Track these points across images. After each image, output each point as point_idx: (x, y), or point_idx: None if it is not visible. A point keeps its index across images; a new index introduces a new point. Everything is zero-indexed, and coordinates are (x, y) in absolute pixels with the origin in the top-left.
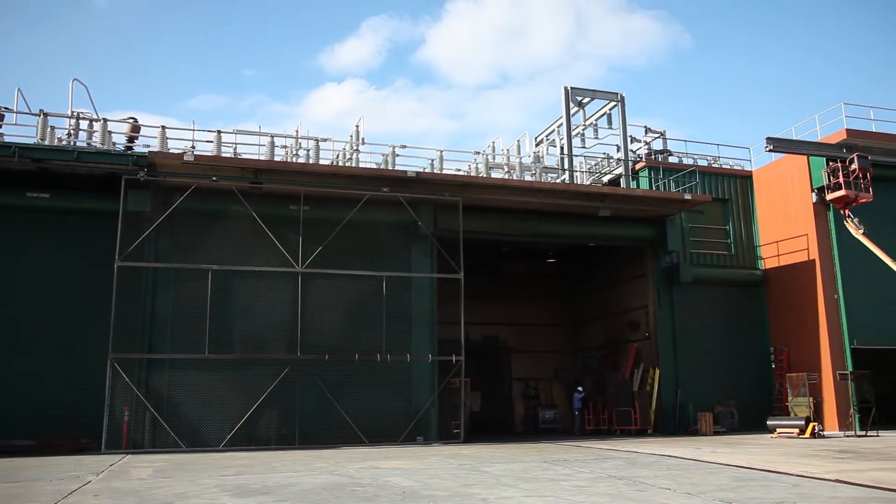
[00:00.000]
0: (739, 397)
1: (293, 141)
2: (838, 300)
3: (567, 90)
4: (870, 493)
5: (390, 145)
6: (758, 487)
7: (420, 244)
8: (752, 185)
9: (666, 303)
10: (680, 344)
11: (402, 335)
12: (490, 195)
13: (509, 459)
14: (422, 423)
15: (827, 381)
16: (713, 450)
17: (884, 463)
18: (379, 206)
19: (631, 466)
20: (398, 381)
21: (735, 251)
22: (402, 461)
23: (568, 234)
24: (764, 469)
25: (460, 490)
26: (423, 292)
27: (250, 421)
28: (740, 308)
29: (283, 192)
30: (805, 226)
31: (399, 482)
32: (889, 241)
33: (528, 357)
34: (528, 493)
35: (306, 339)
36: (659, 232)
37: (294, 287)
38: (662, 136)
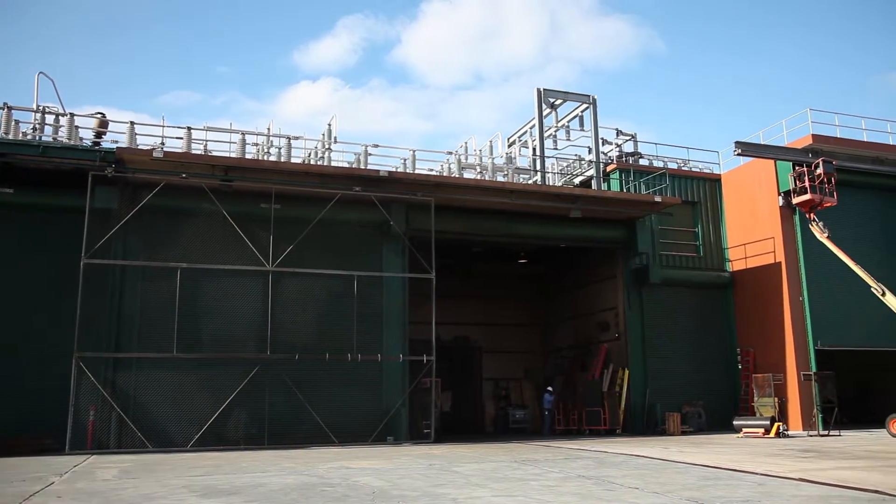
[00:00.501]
0: (707, 397)
1: (265, 139)
2: (803, 302)
3: (539, 92)
4: (831, 491)
5: (363, 144)
6: (724, 486)
7: (392, 244)
8: (720, 188)
9: (635, 304)
10: (649, 345)
11: (373, 335)
12: (462, 195)
13: (479, 459)
14: (392, 423)
15: (791, 382)
16: (681, 449)
17: (845, 462)
18: (351, 206)
19: (600, 466)
20: (369, 380)
21: (704, 253)
22: (372, 461)
23: (539, 235)
24: (730, 468)
25: (430, 490)
26: (395, 292)
27: (219, 421)
28: (708, 309)
29: (253, 189)
30: (772, 229)
31: (369, 482)
32: (852, 245)
33: (499, 357)
34: (497, 493)
35: (276, 338)
36: (629, 233)
37: (264, 286)
38: (633, 139)
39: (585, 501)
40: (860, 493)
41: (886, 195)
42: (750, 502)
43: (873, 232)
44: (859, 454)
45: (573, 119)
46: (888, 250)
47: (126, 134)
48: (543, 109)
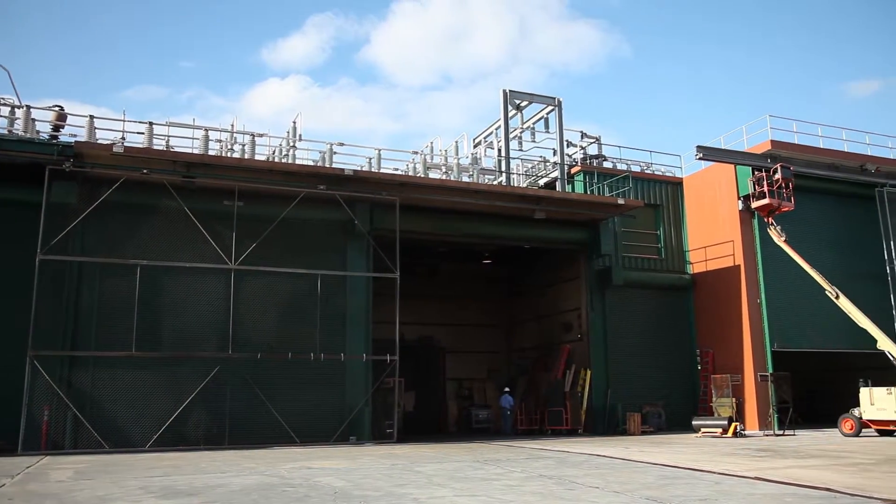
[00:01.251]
0: (667, 398)
1: (228, 135)
2: (761, 304)
3: (505, 93)
4: (785, 489)
5: (328, 143)
6: (683, 485)
7: (356, 243)
8: (682, 191)
9: (598, 305)
10: (611, 345)
11: (336, 334)
12: (427, 195)
13: (442, 459)
14: (355, 422)
15: (749, 383)
16: (641, 449)
17: (799, 461)
18: (315, 204)
19: (561, 466)
20: (332, 380)
21: (665, 255)
22: (334, 461)
23: (504, 236)
24: (689, 468)
25: (392, 490)
26: (359, 291)
27: (178, 421)
28: (669, 311)
29: (216, 186)
30: (731, 232)
31: (331, 482)
32: (808, 249)
33: (463, 357)
34: (459, 493)
35: (238, 337)
36: (592, 235)
37: (226, 284)
38: (598, 142)
39: (547, 501)
40: (812, 492)
41: (841, 201)
42: (707, 501)
43: (828, 236)
44: (813, 453)
45: (538, 121)
46: (842, 254)
47: (85, 128)
48: (509, 111)
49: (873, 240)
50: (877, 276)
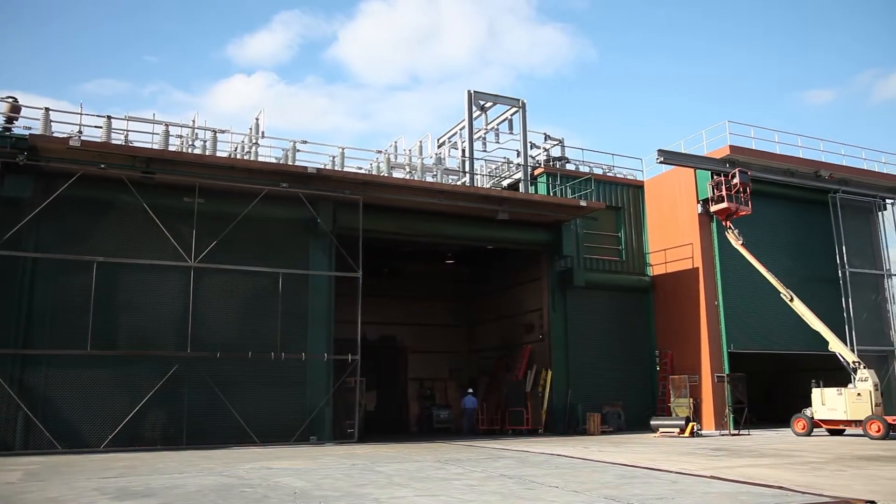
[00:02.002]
0: (626, 398)
1: (189, 131)
2: (718, 306)
3: (470, 94)
4: (740, 488)
5: (291, 140)
6: (640, 484)
7: (319, 242)
8: (643, 194)
9: (559, 306)
10: (571, 346)
11: (297, 333)
12: (391, 195)
13: (403, 459)
14: (316, 422)
15: (706, 383)
16: (600, 449)
17: (753, 460)
18: (278, 202)
19: (522, 465)
20: (292, 379)
21: (626, 257)
22: (294, 461)
23: (467, 236)
24: (646, 467)
25: (352, 490)
26: (321, 290)
27: (135, 420)
28: (629, 312)
29: (176, 183)
30: (690, 235)
31: (290, 483)
32: (764, 252)
33: (425, 357)
34: (420, 493)
35: (197, 335)
36: (555, 237)
37: (186, 282)
38: (561, 144)
39: (507, 500)
40: (766, 490)
41: (796, 205)
42: (664, 499)
43: (783, 240)
44: (766, 452)
45: (503, 122)
46: (796, 258)
47: (41, 121)
48: (473, 112)
49: (826, 244)
50: (829, 280)
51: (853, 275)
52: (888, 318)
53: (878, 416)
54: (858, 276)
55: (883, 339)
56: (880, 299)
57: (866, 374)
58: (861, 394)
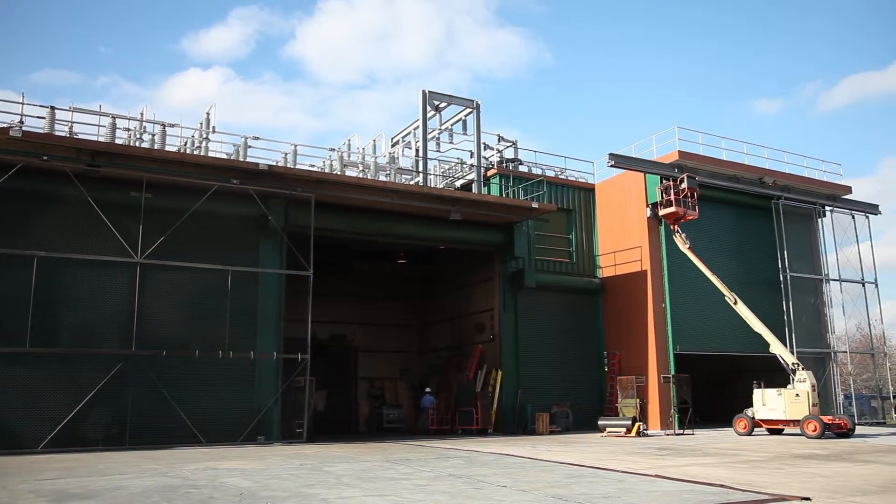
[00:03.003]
0: (575, 398)
1: (137, 124)
2: (665, 309)
3: (425, 94)
4: (683, 486)
5: (243, 136)
6: (587, 483)
7: (269, 239)
8: (594, 197)
9: (510, 307)
10: (522, 346)
11: (246, 332)
12: (343, 193)
13: (352, 459)
14: (264, 422)
15: (652, 384)
16: (548, 448)
17: (697, 459)
18: (228, 198)
19: (471, 465)
20: (240, 378)
21: (576, 259)
22: (241, 461)
23: (419, 236)
24: (593, 466)
25: (300, 490)
26: (271, 288)
27: (76, 420)
28: (579, 313)
29: (123, 177)
30: (639, 238)
31: (237, 483)
32: (710, 256)
33: (375, 357)
34: (368, 493)
35: (143, 333)
36: (506, 238)
37: (132, 278)
38: (514, 146)
39: (455, 500)
40: (708, 488)
41: (741, 210)
42: (610, 498)
43: (728, 244)
44: (709, 451)
45: (457, 123)
46: (740, 262)
47: None
48: (428, 112)
49: (769, 249)
50: (771, 284)
51: (793, 279)
52: (825, 322)
53: (814, 416)
54: (798, 281)
55: (820, 341)
56: (818, 303)
57: (804, 375)
58: (799, 394)
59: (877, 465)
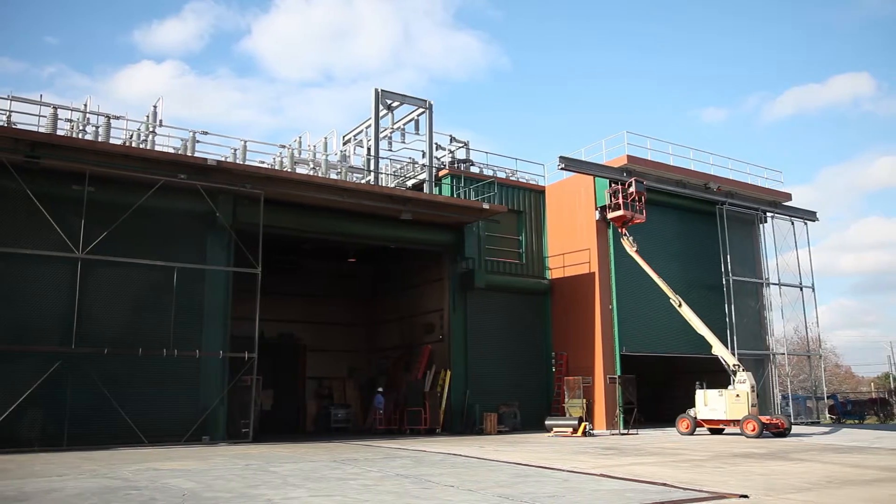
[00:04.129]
0: (523, 398)
1: (81, 115)
2: (612, 310)
3: (377, 92)
4: (627, 485)
5: (191, 130)
6: (533, 483)
7: (217, 236)
8: (544, 199)
9: (460, 307)
10: (471, 347)
11: (192, 330)
12: (294, 191)
13: (298, 459)
14: (209, 422)
15: (598, 385)
16: (496, 448)
17: (640, 458)
18: (175, 194)
19: (418, 465)
20: (185, 377)
21: (526, 260)
22: (184, 462)
23: (370, 235)
24: (540, 466)
25: (245, 491)
26: (218, 286)
27: (10, 420)
28: (527, 314)
29: (64, 169)
30: (588, 241)
31: (180, 484)
32: (656, 259)
33: (324, 356)
34: (315, 493)
35: (84, 331)
36: (457, 238)
37: (72, 274)
38: (466, 147)
39: (402, 500)
40: (650, 486)
41: (687, 215)
42: (556, 497)
43: (674, 248)
44: (652, 451)
45: (409, 122)
46: (685, 266)
47: None
48: (380, 111)
49: (712, 253)
50: (714, 287)
51: (736, 283)
52: (765, 324)
53: (753, 416)
54: (740, 284)
55: (760, 343)
56: (759, 306)
57: (744, 376)
58: (739, 395)
59: (811, 463)
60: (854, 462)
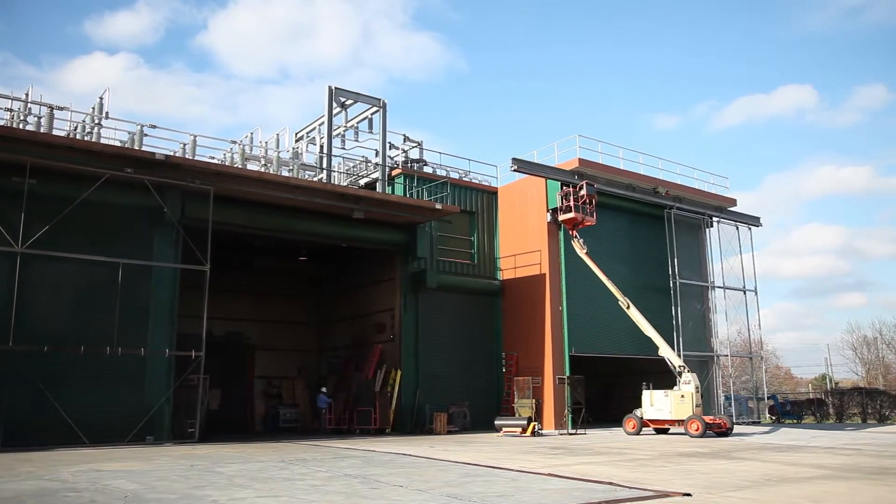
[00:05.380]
0: (473, 398)
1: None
2: (562, 311)
3: (331, 90)
4: (574, 484)
5: (138, 124)
6: (482, 482)
7: (164, 232)
8: (497, 200)
9: (411, 307)
10: (422, 346)
11: (137, 328)
12: (244, 187)
13: (245, 459)
14: (154, 421)
15: (548, 385)
16: (445, 448)
17: (587, 458)
18: (121, 188)
19: (367, 465)
20: (130, 376)
21: (478, 261)
22: (127, 463)
23: (322, 234)
24: (489, 465)
25: (190, 492)
26: (165, 283)
27: None
28: (479, 315)
29: (4, 160)
30: (539, 242)
31: (121, 486)
32: (606, 261)
33: (273, 355)
34: (262, 494)
35: (23, 327)
36: (409, 238)
37: (11, 269)
38: (419, 146)
39: (351, 500)
40: (597, 486)
41: (636, 218)
42: (504, 497)
43: (623, 251)
44: (600, 450)
45: (363, 121)
46: (634, 268)
47: None
48: (334, 108)
49: (660, 256)
50: (661, 290)
51: (682, 286)
52: (710, 327)
53: (697, 416)
54: (686, 287)
55: (705, 345)
56: (704, 309)
57: (689, 377)
58: (684, 395)
59: (752, 461)
60: (791, 460)
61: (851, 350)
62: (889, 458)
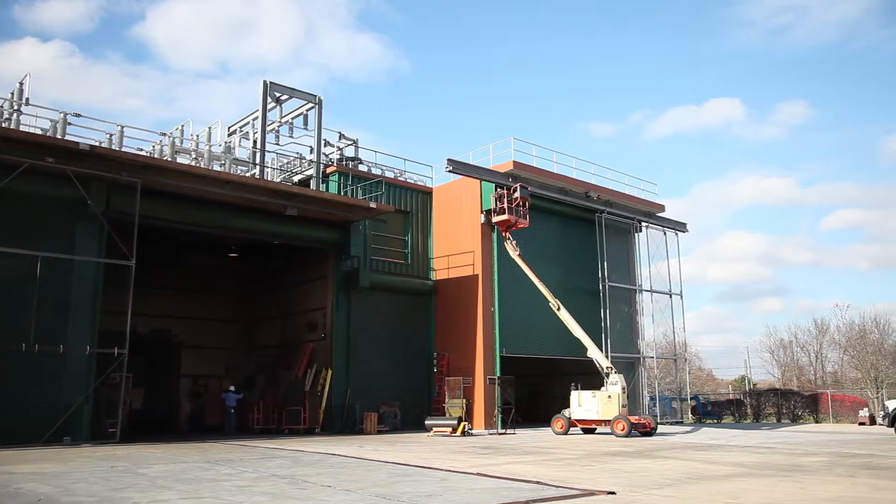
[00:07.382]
0: (404, 398)
1: None
2: (494, 312)
3: (266, 84)
4: (502, 483)
5: (61, 112)
6: (411, 482)
7: (88, 225)
8: (431, 200)
9: (343, 306)
10: (353, 346)
11: (56, 324)
12: (173, 181)
13: (169, 460)
14: (72, 421)
15: (478, 385)
16: (375, 448)
17: (516, 457)
18: (41, 178)
19: (295, 465)
20: (47, 374)
21: (411, 261)
22: (42, 464)
23: (253, 230)
24: (418, 465)
25: (109, 494)
26: (87, 278)
27: None
28: (411, 315)
29: None
30: (472, 243)
31: (35, 488)
32: (538, 263)
33: (201, 353)
34: (186, 496)
35: None
36: (343, 236)
37: None
38: (355, 144)
39: (278, 501)
40: (525, 485)
41: (568, 222)
42: (433, 496)
43: (555, 253)
44: (529, 450)
45: (298, 117)
46: (565, 270)
47: None
48: (269, 103)
49: (591, 259)
50: (591, 292)
51: (611, 289)
52: (637, 329)
53: (623, 416)
54: (615, 290)
55: (632, 347)
56: (632, 311)
57: (616, 378)
58: (611, 396)
59: (674, 460)
60: (711, 459)
61: (769, 353)
62: (800, 456)
